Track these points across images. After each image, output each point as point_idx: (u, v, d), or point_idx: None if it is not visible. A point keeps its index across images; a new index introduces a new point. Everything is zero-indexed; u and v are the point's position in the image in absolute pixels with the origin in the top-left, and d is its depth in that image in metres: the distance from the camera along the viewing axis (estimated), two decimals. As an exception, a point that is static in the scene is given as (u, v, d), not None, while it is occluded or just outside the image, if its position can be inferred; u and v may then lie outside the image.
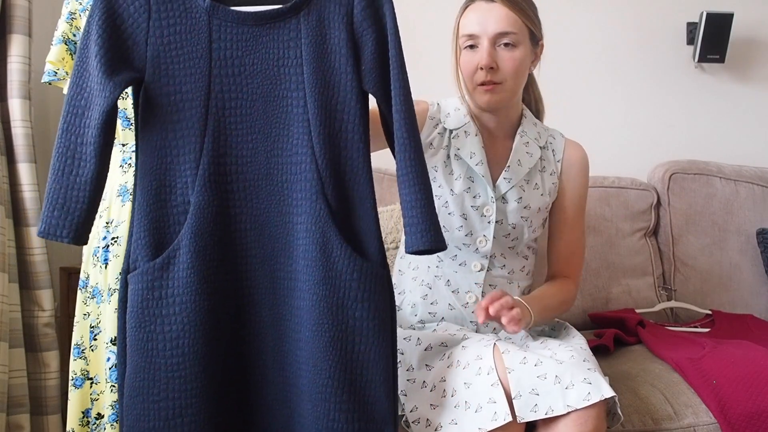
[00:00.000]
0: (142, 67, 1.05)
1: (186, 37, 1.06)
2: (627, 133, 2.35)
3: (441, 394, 1.16)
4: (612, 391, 1.09)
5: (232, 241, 1.07)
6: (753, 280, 2.01)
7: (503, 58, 1.30)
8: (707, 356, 1.47)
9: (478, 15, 1.31)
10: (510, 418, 1.06)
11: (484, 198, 1.36)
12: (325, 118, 1.06)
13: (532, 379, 1.10)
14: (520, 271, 1.41)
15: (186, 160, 1.05)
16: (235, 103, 1.06)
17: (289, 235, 1.07)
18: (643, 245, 2.04)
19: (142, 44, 1.05)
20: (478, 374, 1.12)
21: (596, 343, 1.64)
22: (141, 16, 1.05)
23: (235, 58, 1.06)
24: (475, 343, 1.21)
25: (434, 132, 1.38)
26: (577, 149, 1.46)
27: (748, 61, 2.40)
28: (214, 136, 1.05)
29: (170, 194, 1.05)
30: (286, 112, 1.07)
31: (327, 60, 1.07)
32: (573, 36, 2.31)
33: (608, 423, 1.20)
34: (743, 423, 1.29)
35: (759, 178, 2.13)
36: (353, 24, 1.07)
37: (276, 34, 1.07)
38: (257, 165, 1.07)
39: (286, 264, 1.07)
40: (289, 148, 1.07)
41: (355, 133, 1.07)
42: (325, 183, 1.05)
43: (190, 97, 1.05)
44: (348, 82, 1.06)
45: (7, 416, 1.62)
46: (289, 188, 1.07)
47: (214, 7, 1.06)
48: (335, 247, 1.04)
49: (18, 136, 1.68)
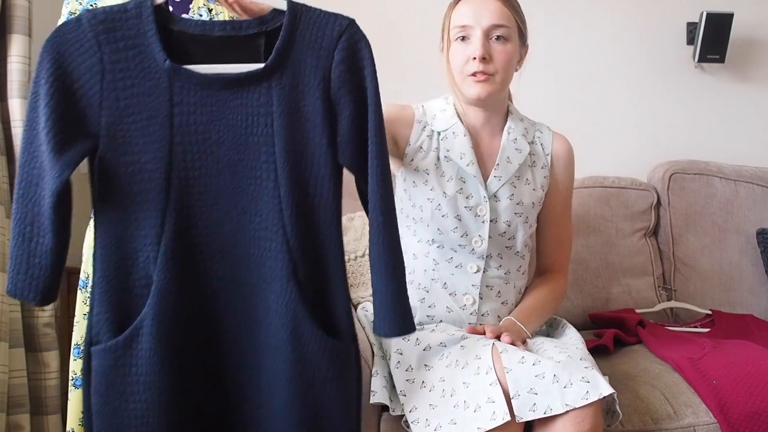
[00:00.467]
0: (96, 134, 0.95)
1: (144, 101, 0.96)
2: (627, 133, 2.35)
3: (440, 394, 1.16)
4: (610, 388, 1.10)
5: (200, 317, 1.00)
6: (753, 280, 2.01)
7: (496, 50, 1.31)
8: (707, 356, 1.47)
9: (471, 7, 1.32)
10: (509, 418, 1.06)
11: (477, 198, 1.36)
12: (297, 195, 0.98)
13: (530, 378, 1.10)
14: (517, 271, 1.41)
15: (147, 234, 0.97)
16: (200, 173, 0.98)
17: (259, 311, 1.01)
18: (643, 245, 2.04)
19: (95, 108, 0.95)
20: (477, 374, 1.12)
21: (596, 343, 1.64)
22: (94, 77, 0.95)
23: (199, 124, 0.97)
24: (473, 343, 1.21)
25: (423, 135, 1.38)
26: (563, 142, 1.46)
27: (748, 61, 2.40)
28: (177, 209, 0.97)
29: (132, 268, 0.98)
30: (254, 184, 0.99)
31: (300, 130, 0.98)
32: (573, 36, 2.31)
33: (607, 420, 1.20)
34: (743, 423, 1.29)
35: (759, 178, 2.13)
36: (330, 90, 0.98)
37: (245, 99, 0.97)
38: (224, 238, 0.99)
39: (257, 341, 1.02)
40: (257, 221, 0.99)
41: (327, 209, 1.00)
42: (297, 265, 0.99)
43: (149, 168, 0.96)
44: (322, 156, 0.98)
45: (7, 416, 1.62)
46: (257, 263, 1.00)
47: (175, 69, 0.96)
48: (306, 329, 0.99)
49: (18, 136, 1.68)
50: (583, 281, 1.95)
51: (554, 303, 1.43)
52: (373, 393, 1.25)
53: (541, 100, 2.28)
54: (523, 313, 1.36)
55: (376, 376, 1.28)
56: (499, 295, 1.37)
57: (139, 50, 0.96)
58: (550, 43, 2.29)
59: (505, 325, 1.32)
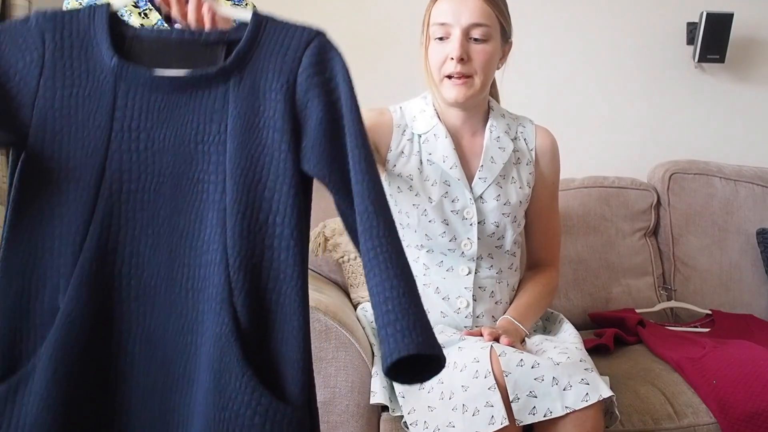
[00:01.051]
0: (24, 133, 0.83)
1: (83, 102, 0.84)
2: (627, 133, 2.35)
3: (438, 396, 1.16)
4: (609, 390, 1.09)
5: (111, 364, 0.81)
6: (753, 280, 2.01)
7: (475, 51, 1.28)
8: (707, 356, 1.47)
9: (451, 5, 1.28)
10: (507, 422, 1.06)
11: (463, 201, 1.34)
12: (245, 206, 0.81)
13: (529, 381, 1.09)
14: (509, 269, 1.40)
15: (61, 254, 0.81)
16: (136, 186, 0.83)
17: (188, 361, 0.80)
18: (643, 245, 2.04)
19: (28, 106, 0.83)
20: (475, 377, 1.12)
21: (596, 342, 1.64)
22: (31, 72, 0.84)
23: (141, 130, 0.83)
24: (471, 345, 1.20)
25: (403, 139, 1.36)
26: (547, 135, 1.44)
27: (748, 61, 2.40)
28: (102, 226, 0.81)
29: (35, 299, 0.81)
30: (200, 199, 0.83)
31: (258, 136, 0.83)
32: (573, 36, 2.31)
33: (606, 422, 1.20)
34: (743, 423, 1.29)
35: (759, 178, 2.13)
36: (296, 94, 0.84)
37: (197, 103, 0.84)
38: (157, 266, 0.81)
39: (181, 398, 0.80)
40: (199, 245, 0.82)
41: (285, 228, 0.81)
42: (234, 289, 0.79)
43: (76, 176, 0.82)
44: (281, 163, 0.82)
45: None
46: (194, 297, 0.81)
47: (122, 67, 0.84)
48: (234, 376, 0.76)
49: (18, 136, 1.68)
50: (583, 281, 1.96)
51: (548, 297, 1.43)
52: (373, 393, 1.25)
53: (541, 100, 2.28)
54: (518, 310, 1.35)
55: (376, 377, 1.28)
56: (492, 296, 1.37)
57: (85, 50, 0.86)
58: (550, 42, 2.29)
59: (502, 325, 1.32)
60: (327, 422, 1.27)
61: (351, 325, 1.34)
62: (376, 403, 1.24)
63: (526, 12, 2.28)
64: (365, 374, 1.29)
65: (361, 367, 1.29)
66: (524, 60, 2.30)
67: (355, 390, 1.28)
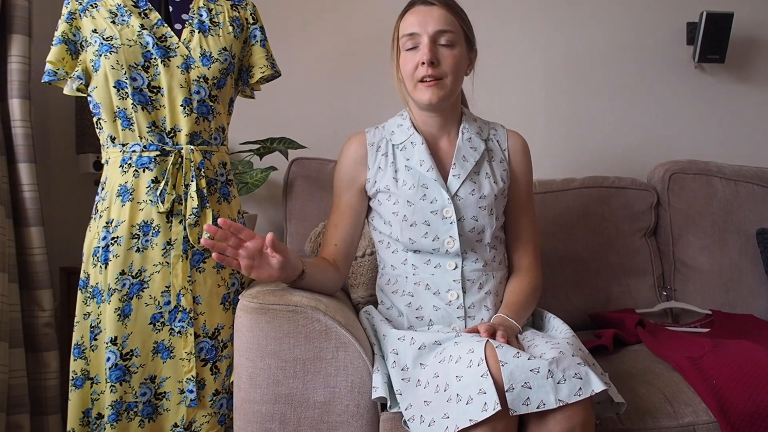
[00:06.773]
0: None
1: None
2: (627, 133, 2.36)
3: (434, 390, 1.17)
4: (601, 384, 1.10)
5: None
6: (753, 280, 2.01)
7: (443, 54, 1.38)
8: (707, 356, 1.47)
9: (417, 16, 1.39)
10: (499, 407, 1.07)
11: (441, 200, 1.41)
12: None
13: (525, 372, 1.11)
14: (493, 262, 1.46)
15: None
16: None
17: None
18: (643, 245, 2.04)
19: None
20: (469, 366, 1.13)
21: (596, 343, 1.64)
22: None
23: None
24: (467, 338, 1.22)
25: (378, 156, 1.46)
26: (518, 137, 1.53)
27: (748, 61, 2.40)
28: None
29: None
30: None
31: None
32: (573, 36, 2.31)
33: (615, 409, 1.23)
34: (743, 422, 1.29)
35: (759, 178, 2.13)
36: None
37: None
38: None
39: None
40: None
41: None
42: None
43: None
44: None
45: (7, 416, 1.62)
46: None
47: None
48: None
49: (18, 136, 1.68)
50: (583, 281, 1.96)
51: (534, 295, 1.48)
52: (375, 389, 1.27)
53: (541, 100, 2.29)
54: (509, 308, 1.40)
55: (377, 373, 1.29)
56: (481, 287, 1.42)
57: None
58: (550, 43, 2.29)
59: (496, 321, 1.35)
60: (327, 422, 1.27)
61: (351, 325, 1.34)
62: (378, 397, 1.26)
63: (526, 13, 2.28)
64: (365, 374, 1.29)
65: (361, 366, 1.29)
66: (524, 60, 2.30)
67: (355, 390, 1.29)
